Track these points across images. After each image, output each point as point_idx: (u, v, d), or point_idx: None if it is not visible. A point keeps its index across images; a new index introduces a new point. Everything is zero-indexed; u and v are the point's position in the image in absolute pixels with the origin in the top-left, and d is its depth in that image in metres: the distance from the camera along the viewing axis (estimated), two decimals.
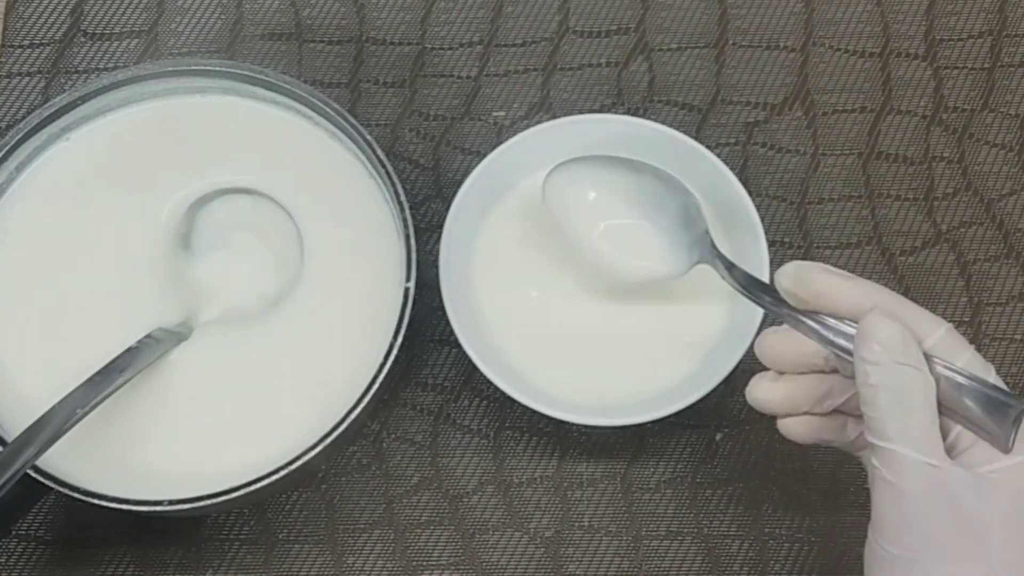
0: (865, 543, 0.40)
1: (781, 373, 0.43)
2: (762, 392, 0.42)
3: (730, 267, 0.46)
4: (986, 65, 0.60)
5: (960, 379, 0.38)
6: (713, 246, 0.47)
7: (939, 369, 0.39)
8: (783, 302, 0.42)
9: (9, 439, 0.46)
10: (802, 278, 0.41)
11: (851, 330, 0.40)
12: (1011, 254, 0.57)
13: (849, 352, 0.40)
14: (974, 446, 0.39)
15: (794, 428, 0.43)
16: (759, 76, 0.59)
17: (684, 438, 0.53)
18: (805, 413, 0.43)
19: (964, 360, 0.39)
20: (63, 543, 0.52)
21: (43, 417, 0.44)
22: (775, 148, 0.58)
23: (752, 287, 0.45)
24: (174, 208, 0.51)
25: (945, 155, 0.58)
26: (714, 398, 0.48)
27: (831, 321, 0.41)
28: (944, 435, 0.39)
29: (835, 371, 0.42)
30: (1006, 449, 0.38)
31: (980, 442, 0.38)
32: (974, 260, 0.56)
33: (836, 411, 0.43)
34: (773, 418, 0.43)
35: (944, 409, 0.39)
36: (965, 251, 0.57)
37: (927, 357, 0.39)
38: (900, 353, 0.38)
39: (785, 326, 0.42)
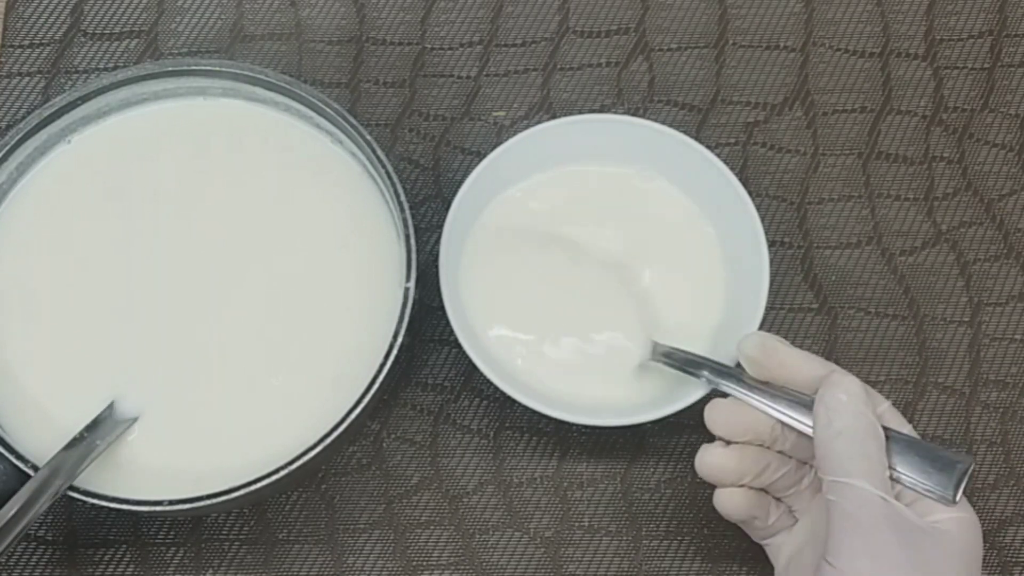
0: (814, 568, 0.43)
1: (727, 444, 0.46)
2: (715, 459, 0.45)
3: (670, 354, 0.49)
4: (986, 65, 0.60)
5: (908, 438, 0.43)
6: (655, 347, 0.50)
7: (889, 432, 0.43)
8: (733, 373, 0.47)
9: (9, 438, 0.47)
10: (766, 348, 0.45)
11: (791, 407, 0.44)
12: (1011, 254, 0.57)
13: (796, 419, 0.44)
14: (914, 503, 0.42)
15: (731, 500, 0.46)
16: (759, 76, 0.59)
17: (684, 438, 0.53)
18: (742, 486, 0.46)
19: (906, 431, 0.44)
20: (63, 543, 0.52)
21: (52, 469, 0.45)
22: (775, 148, 0.58)
23: (695, 367, 0.48)
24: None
25: (945, 155, 0.58)
26: (714, 398, 0.48)
27: (780, 393, 0.45)
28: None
29: (774, 446, 0.45)
30: (951, 502, 0.42)
31: (920, 499, 0.42)
32: (974, 260, 0.56)
33: (763, 490, 0.46)
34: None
35: (889, 470, 0.42)
36: (965, 251, 0.57)
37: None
38: (862, 403, 0.43)
39: (731, 396, 0.46)
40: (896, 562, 0.40)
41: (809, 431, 0.44)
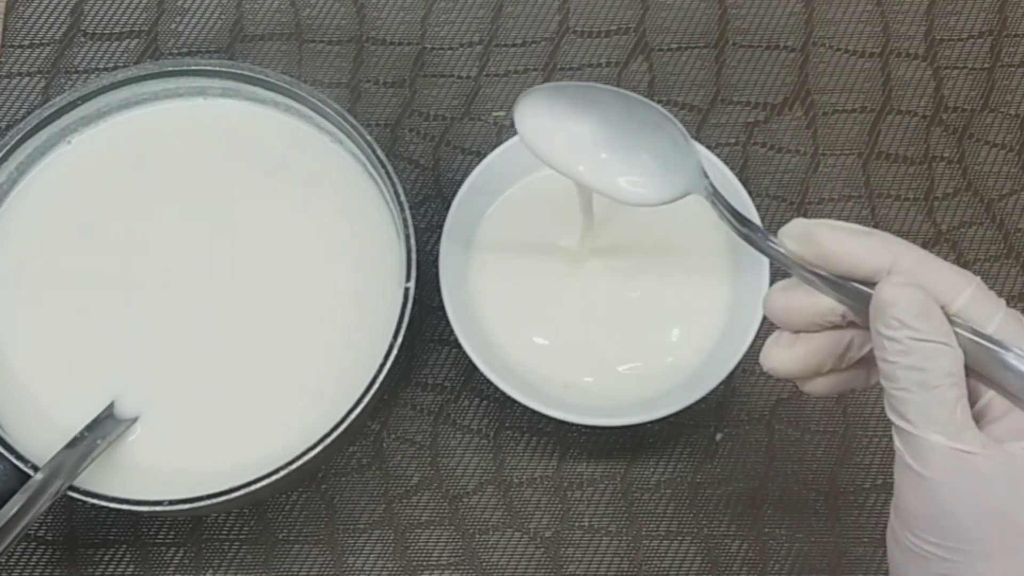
0: (887, 526, 0.37)
1: (795, 333, 0.38)
2: (778, 359, 0.38)
3: (725, 204, 0.41)
4: (986, 65, 0.60)
5: (991, 347, 0.34)
6: (705, 175, 0.42)
7: (967, 337, 0.35)
8: (791, 255, 0.37)
9: (9, 438, 0.47)
10: (809, 238, 0.36)
11: (859, 296, 0.36)
12: (1011, 254, 0.57)
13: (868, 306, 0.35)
14: (1006, 416, 0.35)
15: (818, 388, 0.39)
16: (759, 76, 0.59)
17: (684, 438, 0.54)
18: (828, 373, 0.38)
19: (996, 322, 0.35)
20: (63, 543, 0.52)
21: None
22: (775, 148, 0.58)
23: (751, 229, 0.40)
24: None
25: (945, 155, 0.58)
26: (714, 398, 0.48)
27: (841, 281, 0.36)
28: (973, 402, 0.35)
29: (852, 324, 0.37)
30: None
31: (1013, 412, 0.35)
32: (974, 260, 0.56)
33: (859, 361, 0.38)
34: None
35: (974, 374, 0.35)
36: (965, 251, 0.57)
37: (953, 323, 0.35)
38: (920, 327, 0.34)
39: (793, 278, 0.38)
40: (978, 532, 0.33)
41: None
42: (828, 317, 0.37)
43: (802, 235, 0.37)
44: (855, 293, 0.36)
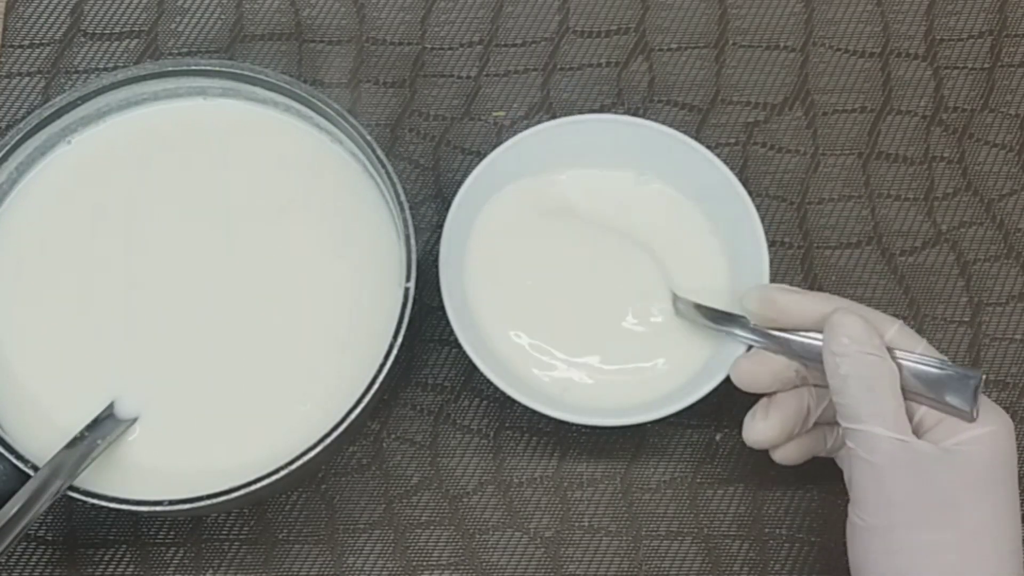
0: (847, 528, 0.44)
1: (759, 397, 0.47)
2: (758, 433, 0.47)
3: (697, 307, 0.50)
4: (986, 65, 0.60)
5: (919, 364, 0.43)
6: (675, 301, 0.51)
7: (900, 357, 0.44)
8: (748, 328, 0.47)
9: (9, 438, 0.47)
10: (766, 299, 0.47)
11: (814, 341, 0.45)
12: (1011, 254, 0.57)
13: (814, 359, 0.45)
14: (938, 424, 0.43)
15: (790, 454, 0.48)
16: (759, 76, 0.59)
17: (684, 438, 0.53)
18: (794, 438, 0.47)
19: (920, 350, 0.44)
20: (63, 543, 0.52)
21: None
22: (775, 148, 0.58)
23: (719, 320, 0.49)
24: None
25: (945, 155, 0.58)
26: (714, 398, 0.48)
27: (795, 335, 0.46)
28: (910, 417, 0.43)
29: (804, 382, 0.47)
30: (971, 419, 0.42)
31: (944, 420, 0.43)
32: (974, 260, 0.56)
33: (815, 425, 0.48)
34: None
35: (908, 394, 0.43)
36: (965, 251, 0.57)
37: (888, 349, 0.44)
38: (865, 343, 0.43)
39: (754, 350, 0.47)
40: (918, 504, 0.41)
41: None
42: (785, 374, 0.46)
43: (760, 298, 0.47)
44: (804, 348, 0.45)
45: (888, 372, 0.43)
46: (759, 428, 0.47)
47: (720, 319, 0.49)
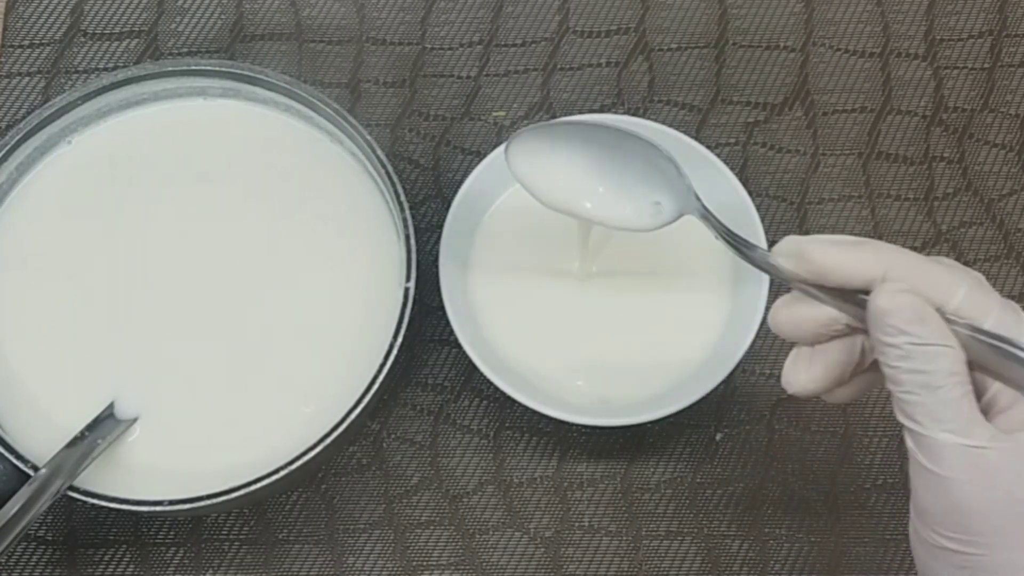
0: (909, 527, 0.37)
1: (810, 347, 0.39)
2: (800, 381, 0.39)
3: (717, 223, 0.43)
4: (986, 65, 0.60)
5: (990, 342, 0.35)
6: (698, 199, 0.44)
7: (966, 334, 0.35)
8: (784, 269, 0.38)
9: (9, 438, 0.47)
10: (801, 255, 0.37)
11: (857, 308, 0.36)
12: (1011, 254, 0.57)
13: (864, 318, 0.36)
14: (1013, 406, 0.35)
15: (842, 396, 0.39)
16: (759, 76, 0.59)
17: (684, 438, 0.53)
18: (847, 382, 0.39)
19: (993, 318, 0.35)
20: (63, 543, 0.52)
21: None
22: (775, 148, 0.58)
23: (745, 247, 0.41)
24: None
25: (945, 155, 0.58)
26: (714, 398, 0.48)
27: (839, 293, 0.37)
28: (979, 395, 0.35)
29: (858, 330, 0.38)
30: None
31: (1020, 401, 0.35)
32: (974, 260, 0.56)
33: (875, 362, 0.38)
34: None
35: (978, 368, 0.35)
36: (965, 251, 0.57)
37: (952, 323, 0.35)
38: (918, 332, 0.34)
39: (794, 292, 0.38)
40: (998, 519, 0.34)
41: None
42: (832, 327, 0.38)
43: (794, 252, 0.37)
44: (853, 302, 0.36)
45: (951, 361, 0.34)
46: (801, 380, 0.38)
47: (751, 250, 0.40)
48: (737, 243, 0.41)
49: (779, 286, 0.45)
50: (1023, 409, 0.35)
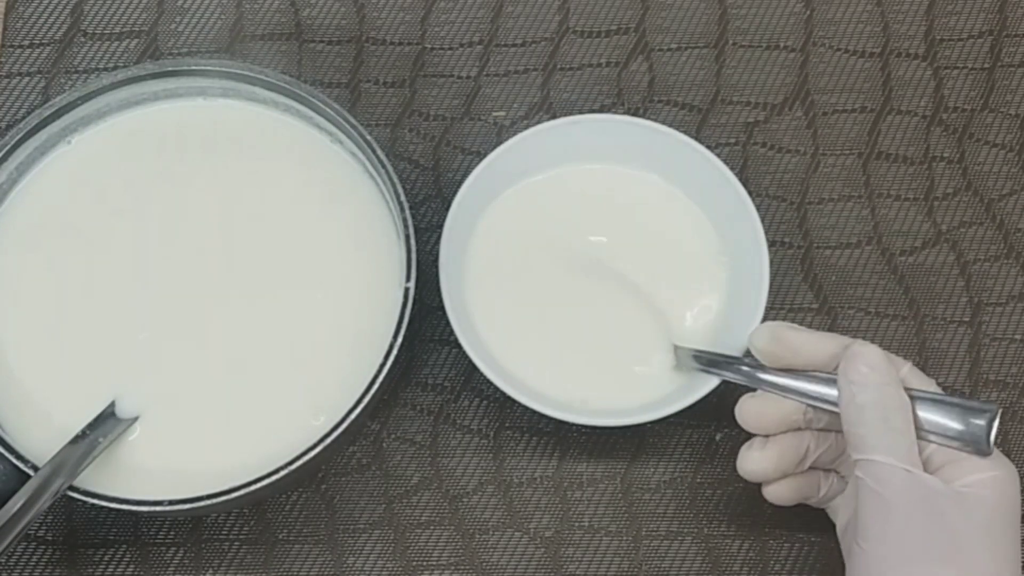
0: (843, 549, 0.45)
1: (765, 437, 0.46)
2: (753, 463, 0.46)
3: (697, 356, 0.49)
4: (986, 65, 0.60)
5: (934, 399, 0.43)
6: (675, 350, 0.50)
7: (915, 393, 0.43)
8: (756, 367, 0.46)
9: (9, 438, 0.47)
10: (778, 338, 0.46)
11: (816, 387, 0.45)
12: (1011, 254, 0.57)
13: (821, 399, 0.44)
14: (947, 465, 0.42)
15: (781, 492, 0.47)
16: (759, 76, 0.59)
17: (684, 438, 0.53)
18: (788, 476, 0.47)
19: (932, 388, 0.44)
20: (63, 543, 0.52)
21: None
22: (775, 148, 0.58)
23: (722, 365, 0.48)
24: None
25: (945, 155, 0.58)
26: (714, 398, 0.48)
27: (802, 376, 0.45)
28: (919, 454, 0.43)
29: (809, 425, 0.46)
30: (988, 452, 0.42)
31: (954, 459, 0.42)
32: (974, 260, 0.56)
33: (810, 469, 0.47)
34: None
35: (919, 432, 0.43)
36: (965, 251, 0.57)
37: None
38: (884, 374, 0.43)
39: (759, 391, 0.46)
40: (924, 539, 0.41)
41: (837, 409, 0.44)
42: (793, 417, 0.46)
43: (770, 336, 0.46)
44: (812, 388, 0.45)
45: (904, 405, 0.42)
46: (754, 458, 0.46)
47: (721, 363, 0.48)
48: (713, 366, 0.48)
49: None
50: (954, 466, 0.42)
